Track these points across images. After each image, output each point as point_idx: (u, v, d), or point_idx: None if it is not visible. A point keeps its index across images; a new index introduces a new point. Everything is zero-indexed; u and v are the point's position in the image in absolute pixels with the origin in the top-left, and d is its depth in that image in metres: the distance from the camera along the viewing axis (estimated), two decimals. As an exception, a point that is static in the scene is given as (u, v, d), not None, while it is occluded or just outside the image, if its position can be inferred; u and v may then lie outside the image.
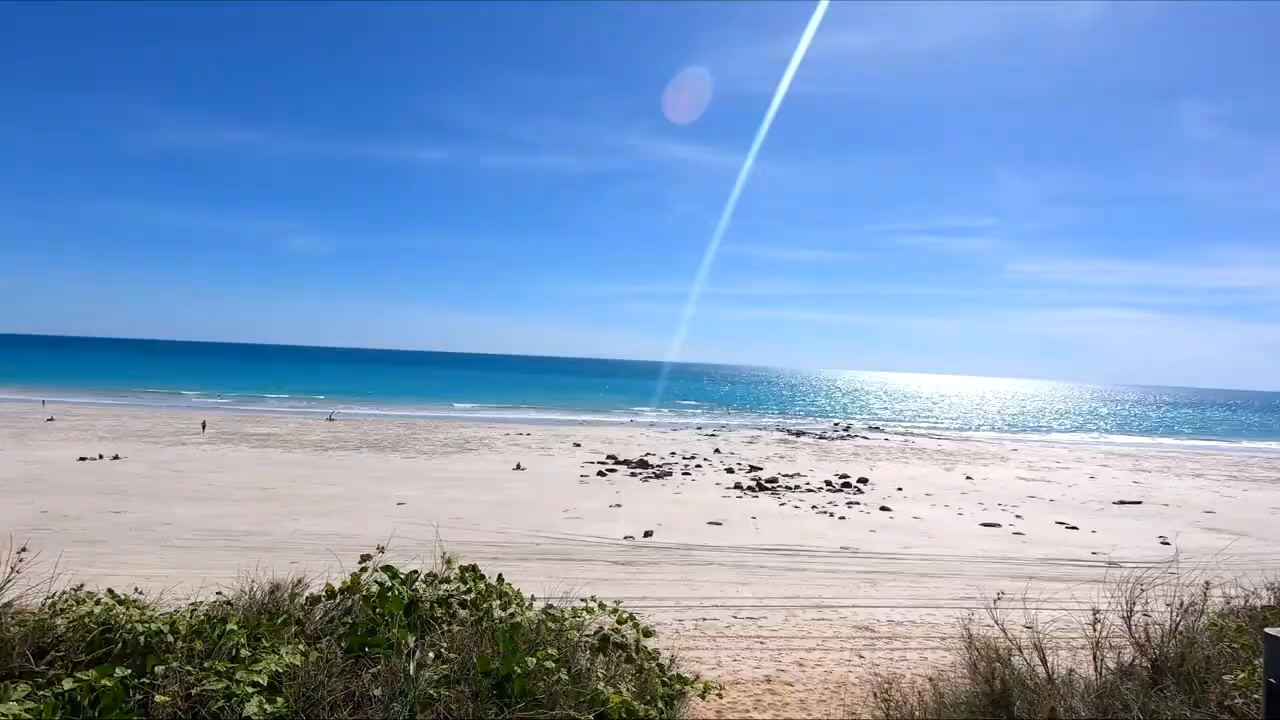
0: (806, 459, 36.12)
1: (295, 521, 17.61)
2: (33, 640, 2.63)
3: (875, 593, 13.53)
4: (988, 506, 24.14)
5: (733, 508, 22.18)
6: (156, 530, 16.21)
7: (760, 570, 15.03)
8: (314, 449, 32.08)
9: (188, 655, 2.60)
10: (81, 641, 2.66)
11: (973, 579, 14.75)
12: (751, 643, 10.52)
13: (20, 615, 2.84)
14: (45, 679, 2.40)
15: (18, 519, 16.58)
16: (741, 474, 29.62)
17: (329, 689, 2.31)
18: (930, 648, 10.31)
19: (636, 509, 21.19)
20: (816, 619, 11.79)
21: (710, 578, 14.31)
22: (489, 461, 30.36)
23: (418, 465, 28.48)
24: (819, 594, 13.30)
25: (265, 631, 2.75)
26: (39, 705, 2.16)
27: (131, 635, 2.69)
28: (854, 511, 22.30)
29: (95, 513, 17.70)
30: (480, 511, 19.74)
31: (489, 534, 17.06)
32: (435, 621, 2.93)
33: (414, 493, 22.27)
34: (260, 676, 2.31)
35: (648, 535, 17.75)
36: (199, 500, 19.77)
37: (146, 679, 2.45)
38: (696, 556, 16.00)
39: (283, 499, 20.49)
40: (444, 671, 2.43)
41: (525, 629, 2.80)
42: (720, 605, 12.45)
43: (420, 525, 17.09)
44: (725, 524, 19.55)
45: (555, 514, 19.90)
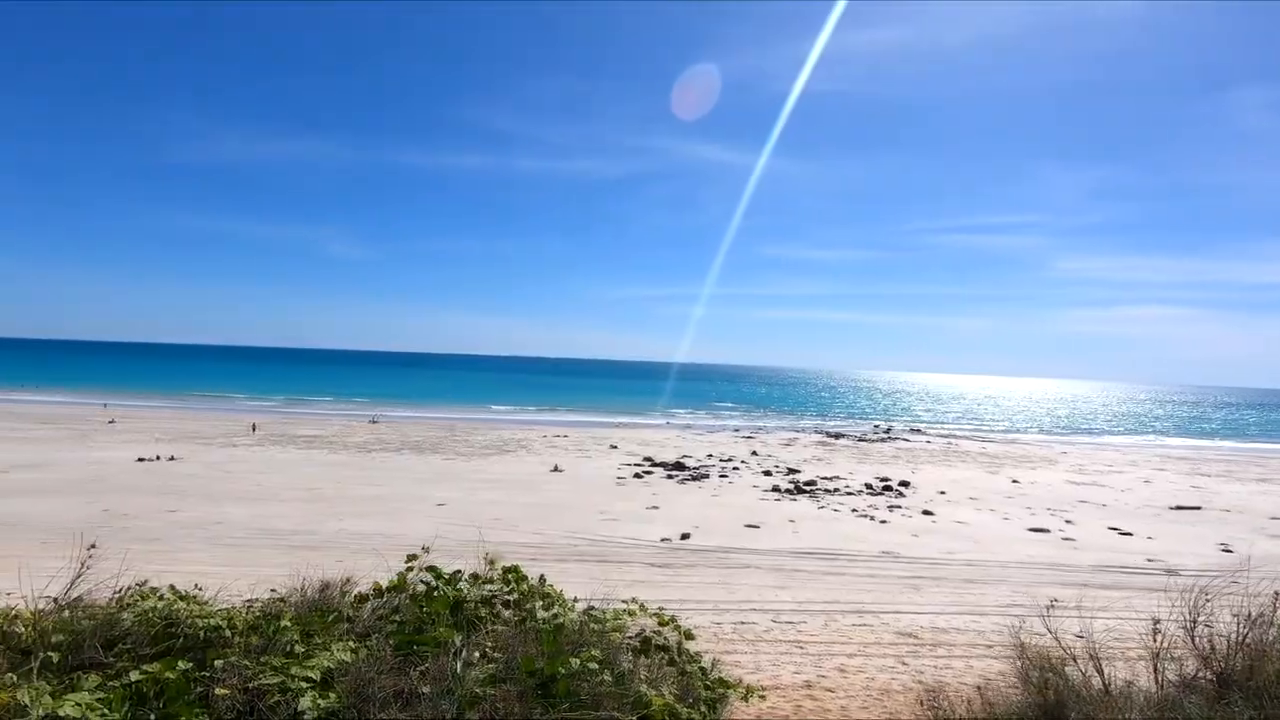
0: (845, 461, 35.58)
1: (340, 521, 18.04)
2: (102, 633, 2.76)
3: (918, 598, 13.25)
4: (1035, 511, 23.44)
5: (770, 510, 21.98)
6: (209, 529, 16.78)
7: (799, 574, 14.85)
8: (357, 450, 32.84)
9: (245, 650, 2.69)
10: (146, 635, 2.77)
11: (1020, 586, 14.34)
12: (790, 647, 10.40)
13: (90, 609, 2.98)
14: (114, 670, 2.51)
15: (83, 517, 17.37)
16: (779, 476, 29.33)
17: (379, 686, 2.37)
18: (976, 656, 10.06)
19: (673, 511, 21.16)
20: (857, 624, 11.60)
21: (748, 581, 14.20)
22: (526, 463, 30.66)
23: (457, 467, 28.92)
24: (860, 599, 13.09)
25: (317, 628, 2.83)
26: (109, 695, 2.26)
27: (192, 630, 2.80)
28: (895, 515, 21.89)
29: (152, 511, 18.41)
30: (518, 513, 19.94)
31: (527, 535, 17.23)
32: (480, 621, 2.97)
33: (454, 494, 22.62)
34: (313, 672, 2.38)
35: (685, 538, 17.70)
36: (249, 500, 20.41)
37: (207, 672, 2.54)
38: (734, 559, 15.89)
39: (328, 499, 21.02)
40: (490, 670, 2.46)
41: (568, 630, 2.82)
42: (758, 609, 12.34)
43: (460, 526, 17.37)
44: (763, 527, 19.38)
45: (592, 516, 19.99)
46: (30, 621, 2.81)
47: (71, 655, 2.65)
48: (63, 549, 13.75)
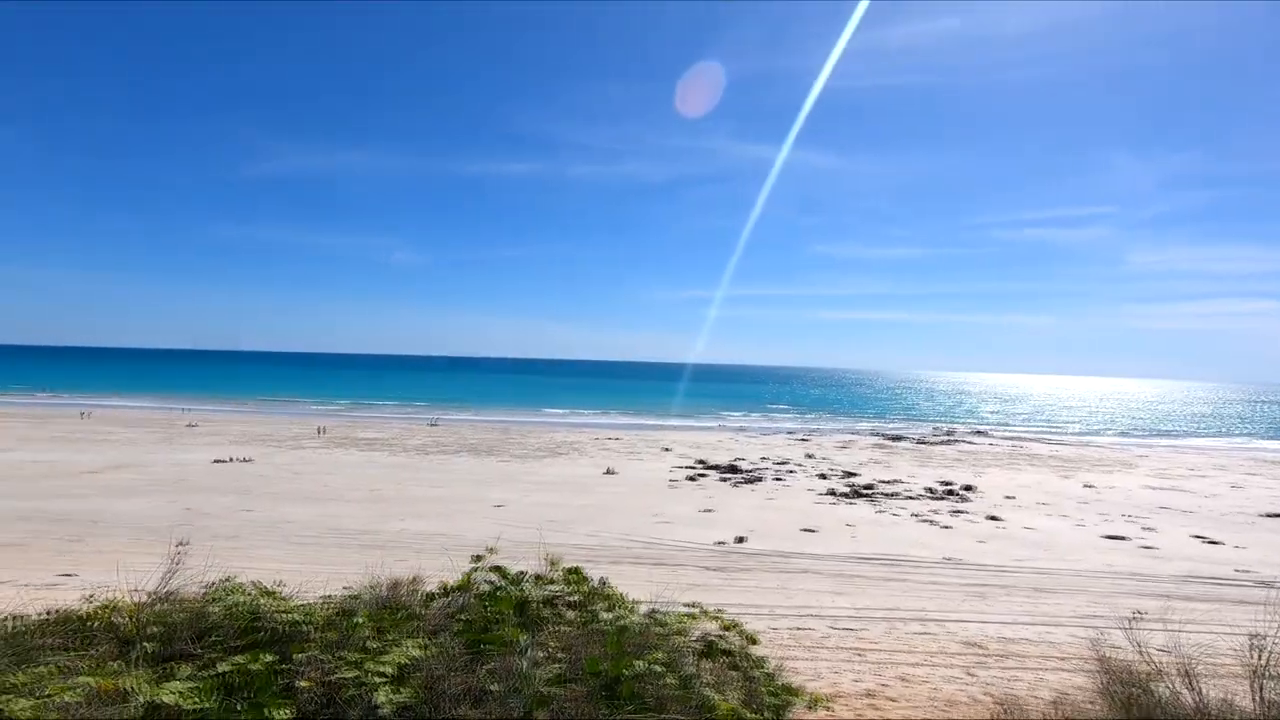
0: (905, 465, 34.61)
1: (401, 522, 18.59)
2: (193, 625, 2.93)
3: (985, 607, 12.78)
4: (1112, 517, 22.29)
5: (827, 514, 21.57)
6: (280, 528, 17.54)
7: (858, 580, 14.53)
8: (417, 453, 33.80)
9: (323, 645, 2.81)
10: (233, 628, 2.93)
11: (1096, 596, 13.67)
12: (850, 655, 10.18)
13: (182, 602, 3.16)
14: (204, 661, 2.66)
15: (167, 515, 18.43)
16: (836, 480, 28.77)
17: (450, 682, 2.44)
18: (1049, 668, 9.64)
19: (727, 514, 21.00)
20: (920, 632, 11.27)
21: (805, 586, 13.97)
22: (580, 465, 30.95)
23: (512, 469, 29.43)
24: (922, 606, 12.71)
25: (389, 625, 2.93)
26: (201, 685, 2.40)
27: (275, 625, 2.94)
28: (959, 520, 21.17)
29: (229, 511, 19.38)
30: (573, 514, 20.15)
31: (581, 537, 17.38)
32: (543, 621, 3.03)
33: (510, 495, 23.02)
34: (387, 667, 2.47)
35: (740, 541, 17.55)
36: (316, 500, 21.25)
37: (289, 665, 2.66)
38: (790, 564, 15.66)
39: (389, 500, 21.69)
40: (556, 670, 2.50)
41: (632, 632, 2.84)
42: (816, 615, 12.13)
43: (517, 527, 17.66)
44: (820, 531, 19.04)
45: (646, 518, 20.03)
46: (130, 613, 3.00)
47: (166, 646, 2.82)
48: (150, 545, 14.62)
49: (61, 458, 28.39)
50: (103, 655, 2.62)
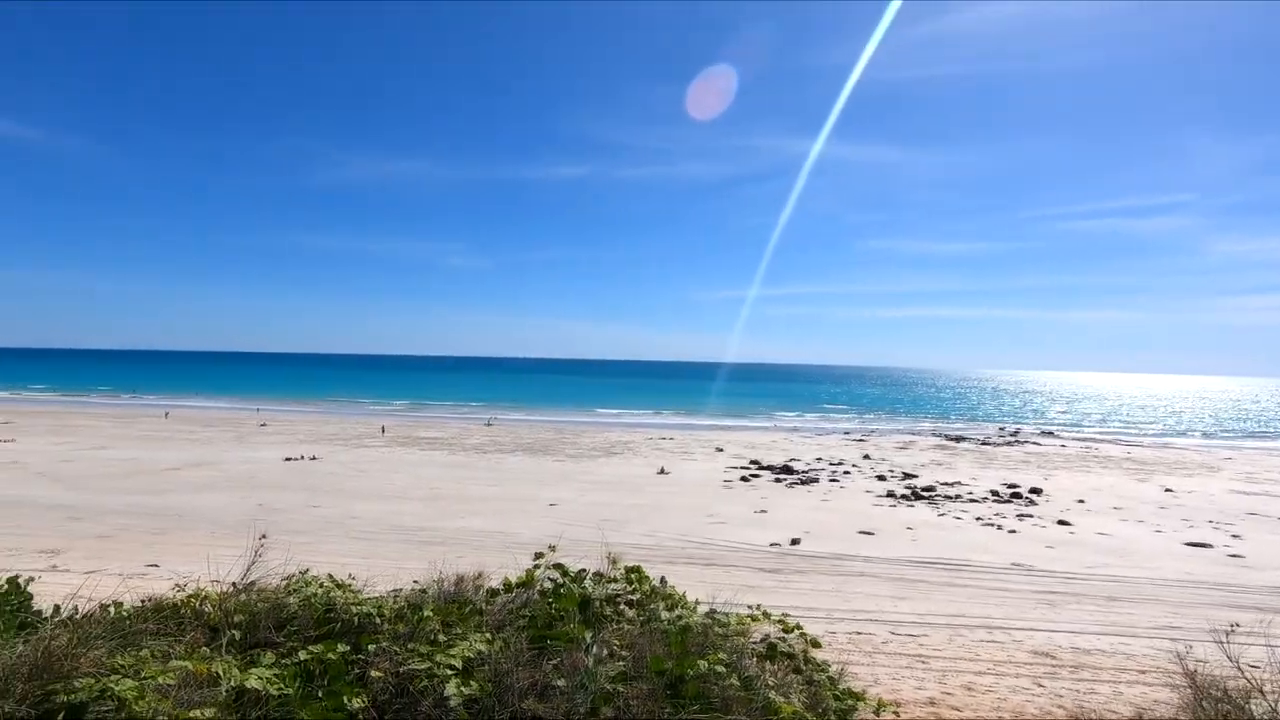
0: (968, 466, 33.47)
1: (460, 519, 19.05)
2: (273, 615, 3.09)
3: (1055, 615, 12.25)
4: (1194, 524, 21.04)
5: (886, 517, 21.06)
6: (345, 524, 18.22)
7: (919, 584, 14.14)
8: (474, 452, 34.57)
9: (393, 636, 2.91)
10: (310, 619, 3.07)
11: (1177, 606, 12.94)
12: (912, 661, 9.92)
13: (263, 593, 3.33)
14: (285, 649, 2.80)
15: (243, 510, 19.38)
16: (894, 481, 28.05)
17: (516, 676, 2.50)
18: (1126, 681, 9.17)
19: (782, 515, 20.74)
20: (985, 640, 10.89)
21: (863, 589, 13.69)
22: (633, 465, 31.08)
23: (567, 468, 29.78)
24: (987, 613, 12.28)
25: (455, 619, 3.02)
26: (283, 672, 2.52)
27: (348, 616, 3.07)
28: (1026, 525, 20.35)
29: (298, 506, 20.24)
30: (626, 514, 20.26)
31: (635, 536, 17.45)
32: (605, 619, 3.07)
33: (564, 494, 23.30)
34: (456, 660, 2.55)
35: (795, 543, 17.31)
36: (379, 498, 21.98)
37: (361, 655, 2.78)
38: (847, 566, 15.36)
39: (448, 498, 22.26)
40: (619, 668, 2.53)
41: (693, 632, 2.85)
42: (875, 619, 11.87)
43: (571, 525, 17.87)
44: (878, 534, 18.60)
45: (699, 518, 19.96)
46: (216, 603, 3.19)
47: (249, 634, 2.98)
48: (227, 538, 15.41)
49: (147, 455, 30.20)
50: (193, 641, 2.79)
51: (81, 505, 19.48)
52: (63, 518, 17.76)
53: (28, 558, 13.30)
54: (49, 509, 18.85)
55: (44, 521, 17.27)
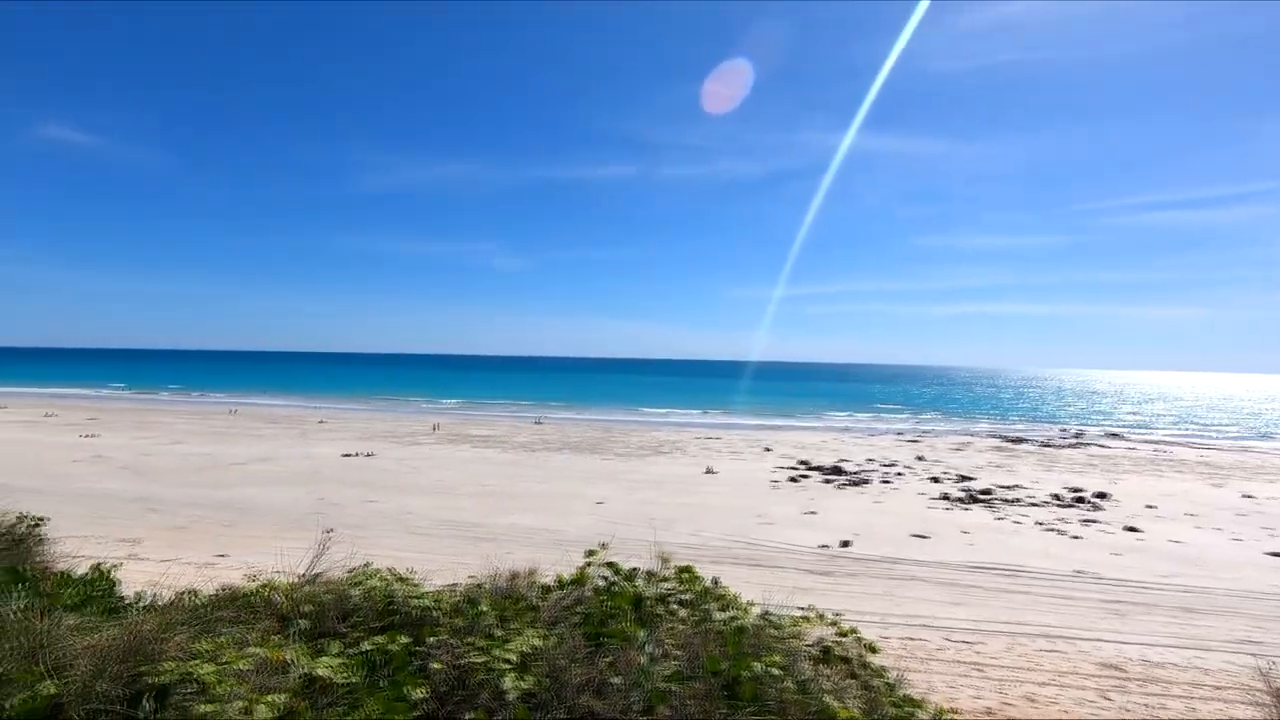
0: (1028, 469, 32.28)
1: (510, 516, 19.37)
2: (338, 606, 3.21)
3: (1122, 626, 11.73)
4: (1277, 533, 19.81)
5: (940, 520, 20.49)
6: (401, 518, 18.74)
7: (975, 590, 13.73)
8: (523, 450, 35.09)
9: (451, 630, 2.99)
10: (372, 610, 3.18)
11: (1258, 619, 12.23)
12: (968, 669, 9.65)
13: (329, 585, 3.47)
14: (350, 639, 2.91)
15: (304, 504, 20.15)
16: (949, 484, 27.27)
17: (572, 672, 2.54)
18: (1201, 697, 8.73)
19: (832, 517, 20.41)
20: (1047, 650, 10.51)
21: (916, 594, 13.37)
22: (680, 464, 31.05)
23: (614, 466, 29.95)
24: (1048, 622, 11.84)
25: (511, 614, 3.09)
26: (349, 661, 2.62)
27: (408, 609, 3.17)
28: (1090, 531, 19.51)
29: (356, 501, 20.92)
30: (674, 513, 20.25)
31: (683, 536, 17.43)
32: (658, 618, 3.08)
33: (611, 493, 23.44)
34: (512, 655, 2.60)
35: (845, 545, 17.01)
36: (432, 493, 22.53)
37: (422, 647, 2.86)
38: (900, 570, 15.02)
39: (499, 495, 22.66)
40: (674, 667, 2.55)
41: (747, 633, 2.84)
42: (929, 625, 11.58)
43: (619, 524, 17.98)
44: (932, 537, 18.12)
45: (748, 519, 19.81)
46: (286, 593, 3.33)
47: (317, 624, 3.11)
48: (290, 531, 15.97)
49: (216, 450, 31.68)
50: (266, 629, 2.93)
51: (159, 497, 20.58)
52: (142, 509, 18.79)
53: (111, 546, 14.10)
54: (130, 501, 19.97)
55: (125, 512, 18.31)
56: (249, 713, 2.15)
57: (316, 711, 2.30)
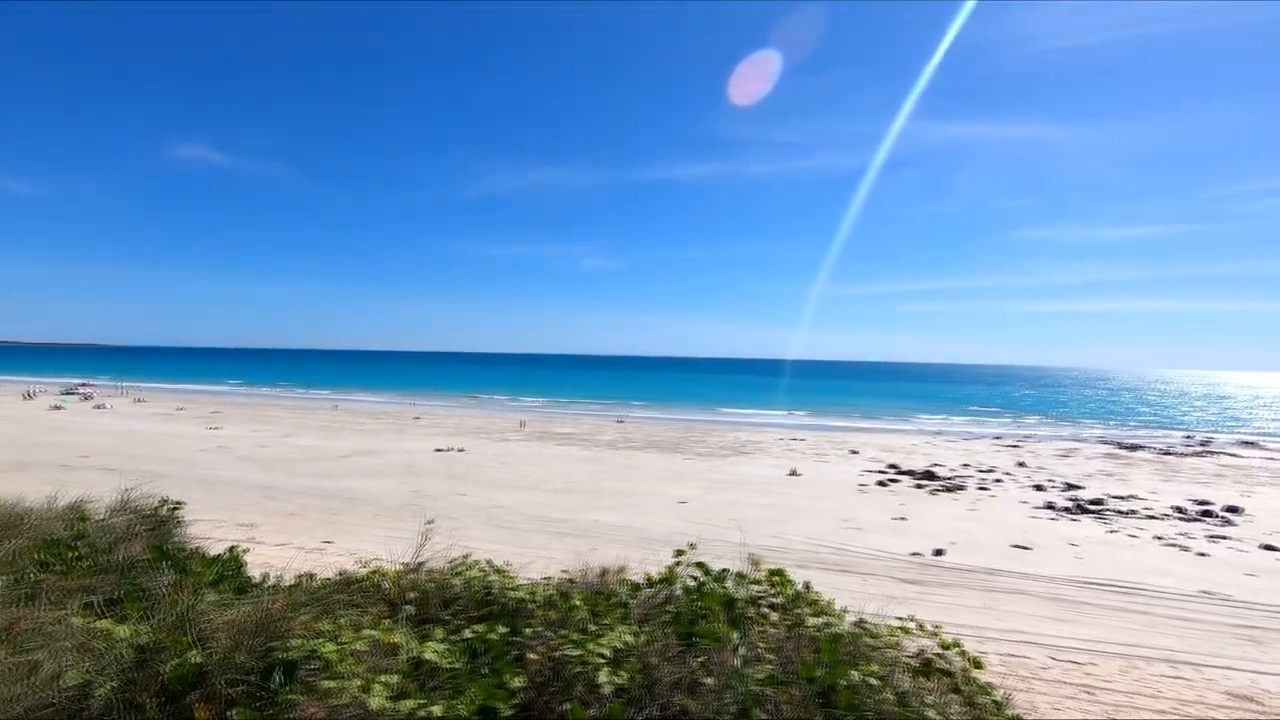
0: (1145, 479, 29.82)
1: (594, 513, 19.70)
2: (440, 595, 3.39)
3: (1259, 654, 10.66)
4: None
5: (1044, 530, 19.26)
6: (490, 512, 19.42)
7: (1084, 607, 12.82)
8: (606, 448, 35.60)
9: (545, 622, 3.10)
10: (471, 600, 3.34)
11: None
12: (1076, 691, 9.03)
13: (431, 574, 3.67)
14: (452, 627, 3.07)
15: (400, 496, 21.25)
16: (1054, 492, 25.58)
17: (663, 670, 2.57)
18: (1357, 739, 7.80)
19: (923, 523, 19.58)
20: (1168, 675, 9.69)
21: (1017, 608, 12.63)
22: (763, 465, 30.63)
23: (696, 466, 29.90)
24: (1169, 645, 10.92)
25: (603, 610, 3.16)
26: (452, 647, 2.77)
27: (505, 600, 3.30)
28: (1219, 548, 17.81)
29: (448, 494, 21.86)
30: (756, 514, 20.00)
31: (765, 538, 17.19)
32: (748, 621, 3.07)
33: (693, 492, 23.41)
34: (605, 650, 2.66)
35: (938, 553, 16.29)
36: (519, 489, 23.23)
37: (518, 638, 2.97)
38: (999, 582, 14.23)
39: (582, 491, 23.09)
40: (768, 671, 2.54)
41: (843, 641, 2.79)
42: (1032, 642, 10.92)
43: (700, 524, 17.93)
44: (1035, 549, 17.06)
45: (833, 523, 19.31)
46: (394, 580, 3.55)
47: (421, 610, 3.29)
48: (387, 521, 16.89)
49: (322, 444, 33.91)
50: (377, 613, 3.13)
51: (273, 485, 22.25)
52: (259, 496, 20.38)
53: (232, 529, 15.37)
54: (248, 488, 21.70)
55: (245, 499, 19.90)
56: (367, 690, 2.31)
57: (424, 693, 2.44)
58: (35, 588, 3.53)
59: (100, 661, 2.56)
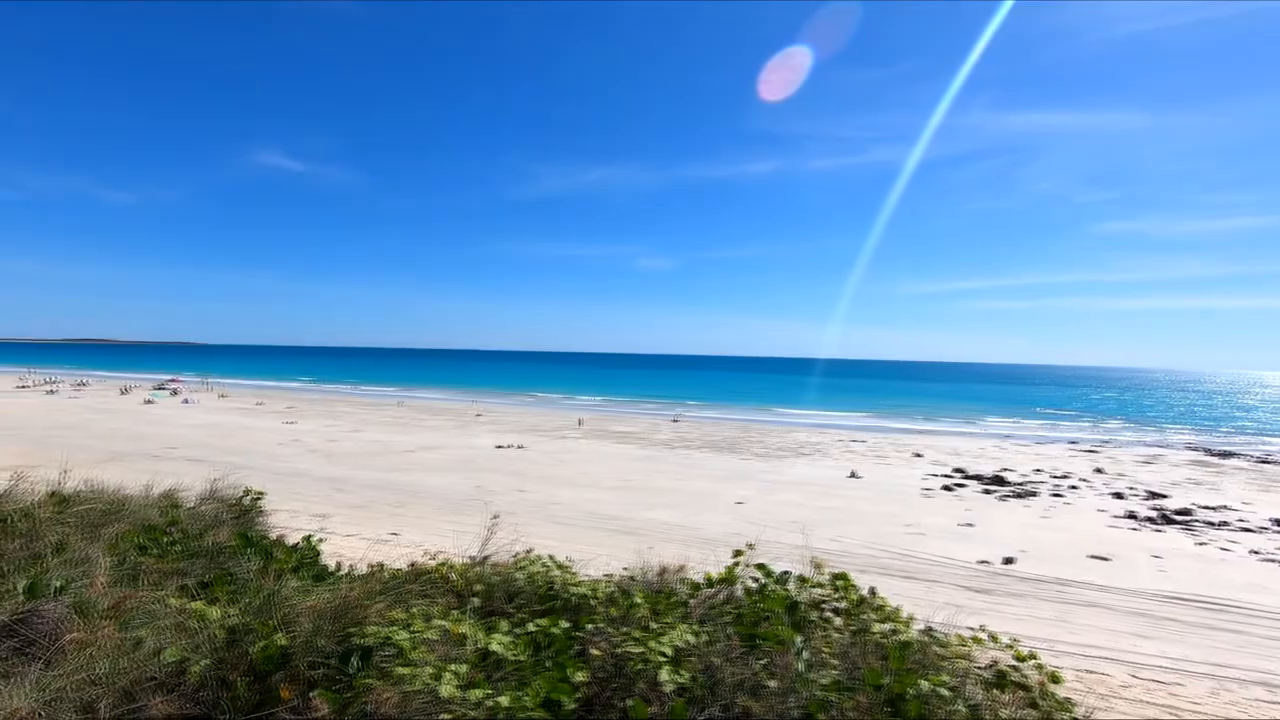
0: (1238, 488, 27.88)
1: (649, 511, 19.77)
2: (505, 588, 3.47)
3: (1372, 682, 9.81)
4: None
5: (1124, 541, 18.25)
6: (548, 508, 19.74)
7: (1169, 623, 12.09)
8: (663, 447, 35.64)
9: (606, 619, 3.14)
10: (535, 594, 3.41)
11: None
12: (1160, 711, 8.53)
13: (496, 568, 3.76)
14: (516, 620, 3.14)
15: (463, 491, 21.83)
16: (1136, 501, 24.20)
17: (725, 671, 2.57)
18: None
19: (992, 530, 18.85)
20: (1265, 700, 9.04)
21: (1094, 622, 12.01)
22: (822, 467, 30.07)
23: (753, 467, 29.61)
24: (1268, 668, 10.18)
25: (663, 608, 3.18)
26: (518, 640, 2.84)
27: (567, 595, 3.36)
28: (1324, 565, 16.49)
29: (508, 490, 22.32)
30: (814, 516, 19.66)
31: (823, 541, 16.88)
32: (811, 625, 3.04)
33: (750, 493, 23.20)
34: (667, 648, 2.68)
35: (1008, 562, 15.65)
36: (576, 486, 23.52)
37: (580, 633, 3.02)
38: (1074, 594, 13.57)
39: (638, 490, 23.19)
40: (833, 676, 2.50)
41: (911, 648, 2.72)
42: (1110, 658, 10.36)
43: (757, 525, 17.74)
44: (1114, 560, 16.19)
45: (894, 527, 18.80)
46: (460, 572, 3.66)
47: (487, 602, 3.38)
48: (450, 514, 17.36)
49: (389, 439, 35.16)
50: (446, 604, 3.24)
51: (343, 478, 23.21)
52: (330, 488, 21.29)
53: (306, 520, 16.11)
54: (320, 480, 22.71)
55: (317, 490, 20.83)
56: (438, 679, 2.40)
57: (491, 684, 2.51)
58: (136, 569, 3.81)
59: (194, 640, 2.74)
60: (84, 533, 4.58)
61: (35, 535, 4.31)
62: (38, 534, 4.34)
